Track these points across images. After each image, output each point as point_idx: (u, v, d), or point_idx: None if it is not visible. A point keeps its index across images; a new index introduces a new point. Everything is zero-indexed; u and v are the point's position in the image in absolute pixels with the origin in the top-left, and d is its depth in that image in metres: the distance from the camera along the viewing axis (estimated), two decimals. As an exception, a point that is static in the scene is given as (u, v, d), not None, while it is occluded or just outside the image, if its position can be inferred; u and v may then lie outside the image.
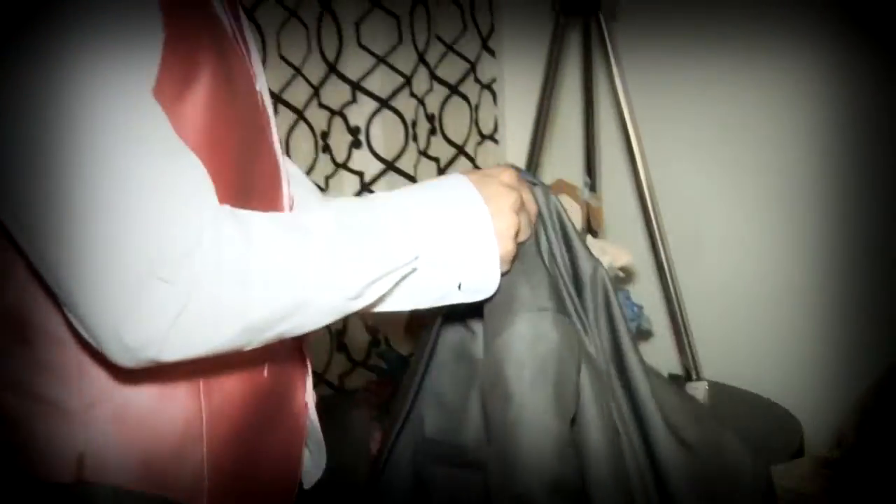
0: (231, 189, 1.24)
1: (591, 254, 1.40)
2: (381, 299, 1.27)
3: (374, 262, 1.24)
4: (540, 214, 1.38)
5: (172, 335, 1.16)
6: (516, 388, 1.29)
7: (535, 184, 1.38)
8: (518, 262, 1.32)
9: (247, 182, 1.30)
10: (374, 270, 1.23)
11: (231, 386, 1.36)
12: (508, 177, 1.33)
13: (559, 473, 1.29)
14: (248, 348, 1.22)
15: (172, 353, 1.17)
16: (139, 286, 1.14)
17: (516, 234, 1.31)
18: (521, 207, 1.32)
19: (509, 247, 1.29)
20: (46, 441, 1.31)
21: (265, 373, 1.39)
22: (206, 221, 1.17)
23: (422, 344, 1.43)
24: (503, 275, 1.32)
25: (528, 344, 1.29)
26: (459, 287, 1.29)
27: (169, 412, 1.32)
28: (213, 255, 1.15)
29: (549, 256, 1.39)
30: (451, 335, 1.42)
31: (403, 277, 1.26)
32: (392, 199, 1.30)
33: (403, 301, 1.29)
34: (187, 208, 1.17)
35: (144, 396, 1.31)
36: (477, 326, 1.41)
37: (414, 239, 1.26)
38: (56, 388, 1.31)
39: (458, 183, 1.31)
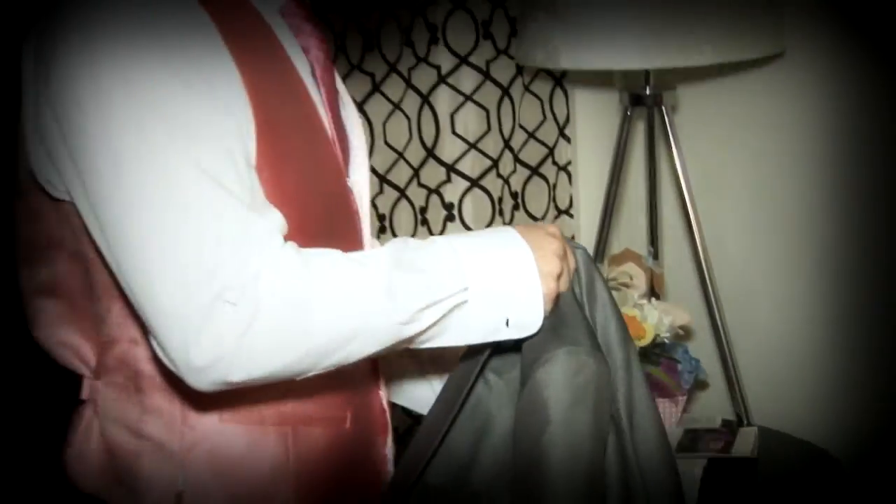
0: (310, 241, 1.23)
1: (625, 336, 1.36)
2: (436, 332, 1.25)
3: (425, 289, 1.22)
4: (577, 274, 1.36)
5: (237, 355, 1.14)
6: (555, 413, 1.25)
7: (577, 248, 1.37)
8: (558, 308, 1.30)
9: (328, 239, 1.28)
10: (424, 298, 1.22)
11: (317, 434, 1.36)
12: (553, 229, 1.32)
13: (589, 494, 1.26)
14: (312, 373, 1.21)
15: (239, 373, 1.16)
16: (208, 307, 1.13)
17: (559, 277, 1.29)
18: (564, 255, 1.31)
19: (552, 286, 1.28)
20: (150, 477, 1.32)
21: (348, 423, 1.39)
22: (271, 254, 1.17)
23: (450, 395, 1.35)
24: (546, 316, 1.29)
25: (569, 372, 1.26)
26: (507, 323, 1.27)
27: (259, 456, 1.32)
28: (275, 282, 1.15)
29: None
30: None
31: (454, 308, 1.24)
32: (445, 239, 1.28)
33: (457, 335, 1.27)
34: (253, 244, 1.16)
35: (239, 441, 1.32)
36: (494, 379, 1.38)
37: (464, 272, 1.24)
38: (161, 431, 1.32)
39: (505, 230, 1.30)
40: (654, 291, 2.44)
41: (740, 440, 2.37)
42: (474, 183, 2.67)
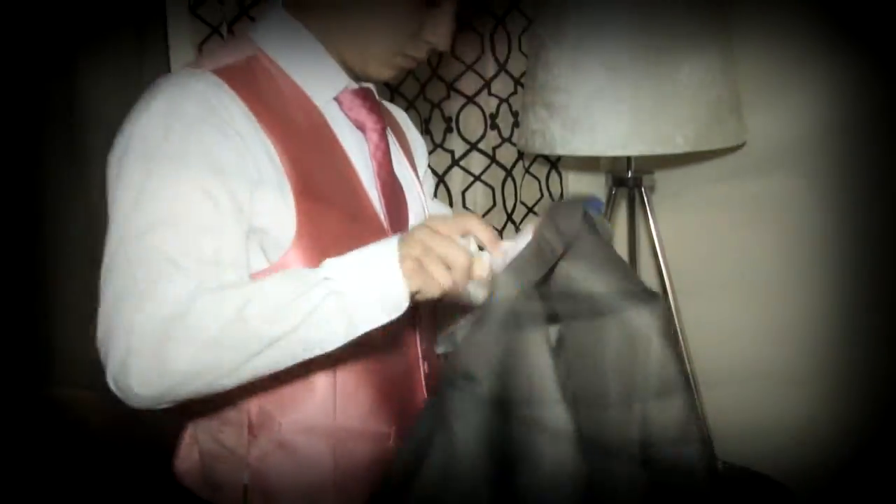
0: None
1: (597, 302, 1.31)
2: (327, 329, 1.22)
3: (285, 287, 1.23)
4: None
5: (131, 369, 1.19)
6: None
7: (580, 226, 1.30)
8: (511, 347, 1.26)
9: None
10: (284, 295, 1.22)
11: (361, 449, 1.40)
12: (445, 227, 1.27)
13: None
14: (223, 383, 1.22)
15: (140, 386, 1.19)
16: (115, 331, 1.22)
17: (419, 258, 1.23)
18: (435, 236, 1.24)
19: (410, 265, 1.23)
20: (223, 475, 1.42)
21: (391, 440, 1.43)
22: (180, 292, 1.23)
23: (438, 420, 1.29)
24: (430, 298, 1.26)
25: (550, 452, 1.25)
26: (382, 307, 1.24)
27: (308, 463, 1.38)
28: (157, 312, 1.22)
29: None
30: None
31: (328, 300, 1.22)
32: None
33: (345, 326, 1.24)
34: (172, 289, 1.23)
35: (292, 449, 1.38)
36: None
37: (328, 265, 1.25)
38: (232, 439, 1.41)
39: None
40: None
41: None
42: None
